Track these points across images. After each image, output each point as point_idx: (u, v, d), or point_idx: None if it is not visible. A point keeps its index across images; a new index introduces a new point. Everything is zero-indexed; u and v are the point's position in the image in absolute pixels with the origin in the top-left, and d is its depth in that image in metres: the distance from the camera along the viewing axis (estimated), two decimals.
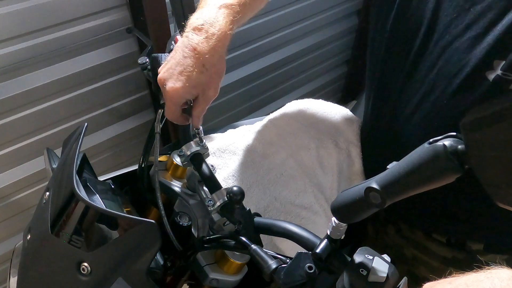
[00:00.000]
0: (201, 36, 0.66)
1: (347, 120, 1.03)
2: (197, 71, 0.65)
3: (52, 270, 0.58)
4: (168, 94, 0.65)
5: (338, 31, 1.99)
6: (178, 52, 0.66)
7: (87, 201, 0.56)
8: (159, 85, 0.67)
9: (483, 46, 0.65)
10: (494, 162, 0.35)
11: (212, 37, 0.66)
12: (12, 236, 1.32)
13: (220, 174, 0.87)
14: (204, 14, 0.67)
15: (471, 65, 0.67)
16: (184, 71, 0.65)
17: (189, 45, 0.66)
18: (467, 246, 0.87)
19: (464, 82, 0.69)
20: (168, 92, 0.65)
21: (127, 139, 1.43)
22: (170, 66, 0.66)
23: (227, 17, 0.68)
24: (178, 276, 0.71)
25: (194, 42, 0.65)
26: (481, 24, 0.65)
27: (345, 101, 2.08)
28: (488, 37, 0.64)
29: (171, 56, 0.68)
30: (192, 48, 0.65)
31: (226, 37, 0.67)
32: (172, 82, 0.65)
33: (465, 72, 0.68)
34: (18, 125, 1.15)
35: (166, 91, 0.66)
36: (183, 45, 0.66)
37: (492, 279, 0.43)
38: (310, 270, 0.53)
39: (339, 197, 0.49)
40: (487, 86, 0.66)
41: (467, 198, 0.80)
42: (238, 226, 0.63)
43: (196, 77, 0.65)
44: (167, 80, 0.65)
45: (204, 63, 0.65)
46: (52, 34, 1.10)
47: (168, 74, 0.66)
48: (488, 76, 0.65)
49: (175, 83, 0.65)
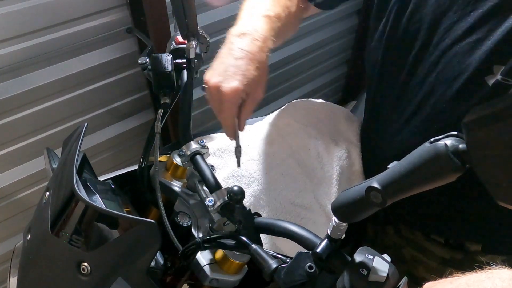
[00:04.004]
0: (247, 40, 0.70)
1: (347, 120, 1.03)
2: (251, 69, 0.67)
3: (52, 270, 0.58)
4: (226, 94, 0.66)
5: (338, 31, 1.99)
6: (226, 57, 0.69)
7: (87, 201, 0.55)
8: (210, 92, 0.68)
9: (483, 50, 0.65)
10: (495, 161, 0.35)
11: (257, 40, 0.70)
12: (12, 236, 1.32)
13: (220, 174, 0.87)
14: (245, 23, 0.73)
15: (470, 70, 0.67)
16: (238, 71, 0.67)
17: (238, 48, 0.69)
18: (465, 247, 0.87)
19: (463, 87, 0.68)
20: (226, 92, 0.66)
21: (127, 139, 1.43)
22: (222, 70, 0.68)
23: (267, 24, 0.73)
24: (178, 276, 0.71)
25: (243, 44, 0.69)
26: (482, 29, 0.65)
27: (345, 101, 2.09)
28: (488, 41, 0.64)
29: (217, 62, 0.70)
30: (243, 50, 0.68)
31: (268, 41, 0.72)
32: (229, 82, 0.66)
33: (465, 76, 0.68)
34: (18, 125, 1.15)
35: (223, 92, 0.66)
36: (230, 50, 0.69)
37: (493, 279, 0.43)
38: (310, 269, 0.53)
39: (339, 196, 0.49)
40: (486, 91, 0.65)
41: (465, 199, 0.80)
42: (238, 225, 0.63)
43: (252, 74, 0.67)
44: (222, 82, 0.66)
45: (256, 62, 0.68)
46: (52, 34, 1.10)
47: (222, 77, 0.67)
48: (487, 81, 0.65)
49: (232, 83, 0.66)
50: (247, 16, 0.74)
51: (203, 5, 1.39)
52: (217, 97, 0.68)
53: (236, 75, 0.66)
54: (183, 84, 0.83)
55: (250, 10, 0.75)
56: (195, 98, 0.83)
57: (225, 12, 1.47)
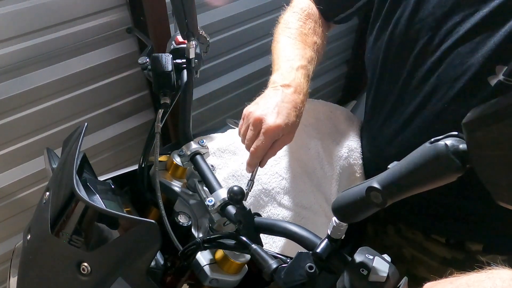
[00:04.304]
0: (291, 91, 0.76)
1: (347, 120, 1.03)
2: (293, 114, 0.74)
3: (52, 270, 0.58)
4: (269, 129, 0.70)
5: (338, 31, 1.99)
6: (272, 98, 0.75)
7: (87, 201, 0.55)
8: (252, 123, 0.72)
9: (486, 51, 0.65)
10: (496, 161, 0.35)
11: (300, 92, 0.77)
12: (12, 236, 1.32)
13: (220, 174, 0.87)
14: (286, 76, 0.79)
15: (473, 70, 0.67)
16: (284, 111, 0.72)
17: (285, 94, 0.75)
18: (466, 247, 0.87)
19: (465, 87, 0.68)
20: (269, 126, 0.70)
21: (127, 139, 1.43)
22: (268, 107, 0.73)
23: (305, 77, 0.80)
24: (178, 276, 0.71)
25: (289, 92, 0.76)
26: (484, 29, 0.65)
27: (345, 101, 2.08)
28: (491, 42, 0.64)
29: (263, 101, 0.75)
30: (289, 97, 0.75)
31: (307, 94, 0.80)
32: (273, 119, 0.71)
33: (467, 76, 0.68)
34: (18, 125, 1.15)
35: (267, 126, 0.71)
36: (277, 93, 0.75)
37: (493, 280, 0.43)
38: (310, 269, 0.53)
39: (340, 196, 0.49)
40: (488, 91, 0.65)
41: (466, 198, 0.80)
42: (238, 226, 0.63)
43: (292, 119, 0.73)
44: (267, 116, 0.71)
45: (297, 110, 0.75)
46: (52, 34, 1.10)
47: (267, 112, 0.72)
48: (490, 81, 0.65)
49: (277, 119, 0.71)
50: (288, 69, 0.80)
51: (203, 5, 1.39)
52: (258, 129, 0.72)
53: (281, 114, 0.72)
54: (183, 84, 0.83)
55: (290, 63, 0.81)
56: (195, 98, 0.83)
57: (225, 12, 1.47)
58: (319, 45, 0.91)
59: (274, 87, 0.77)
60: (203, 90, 1.56)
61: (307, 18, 0.92)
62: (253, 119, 0.72)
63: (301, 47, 0.86)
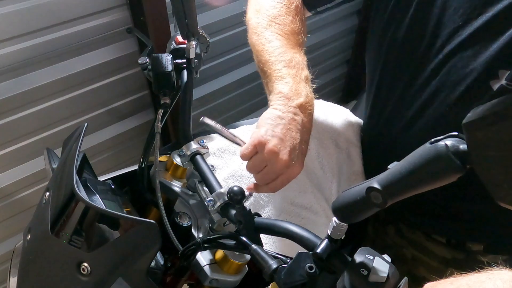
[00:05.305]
0: (307, 113, 0.70)
1: (347, 120, 1.03)
2: (305, 149, 0.69)
3: (52, 270, 0.58)
4: (282, 164, 0.64)
5: (338, 31, 1.99)
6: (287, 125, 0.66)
7: (87, 201, 0.55)
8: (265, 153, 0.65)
9: (488, 55, 0.64)
10: (496, 161, 0.35)
11: (311, 113, 0.71)
12: (12, 236, 1.32)
13: (220, 174, 0.87)
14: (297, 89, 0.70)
15: (475, 74, 0.66)
16: (296, 144, 0.66)
17: (302, 123, 0.68)
18: (467, 247, 0.87)
19: (467, 91, 0.68)
20: (283, 162, 0.64)
21: (127, 139, 1.43)
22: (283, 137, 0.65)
23: (310, 88, 0.74)
24: (178, 276, 0.70)
25: (306, 121, 0.70)
26: (487, 33, 0.65)
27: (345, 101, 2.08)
28: (494, 46, 0.64)
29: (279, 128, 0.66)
30: (306, 126, 0.69)
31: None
32: (287, 156, 0.64)
33: (469, 80, 0.67)
34: (18, 125, 1.15)
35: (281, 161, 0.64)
36: (291, 122, 0.67)
37: (494, 280, 0.43)
38: (310, 270, 0.53)
39: (340, 197, 0.49)
40: (491, 95, 0.65)
41: (467, 199, 0.80)
42: (238, 226, 0.63)
43: (305, 154, 0.69)
44: (280, 151, 0.64)
45: (308, 133, 0.70)
46: (52, 34, 1.10)
47: (282, 146, 0.65)
48: (492, 85, 0.65)
49: (292, 160, 0.65)
50: (296, 81, 0.72)
51: (203, 5, 1.39)
52: (272, 161, 0.65)
53: (297, 152, 0.66)
54: (183, 84, 0.82)
55: (295, 72, 0.74)
56: (195, 98, 0.83)
57: (225, 12, 1.47)
58: (303, 43, 0.86)
59: (286, 107, 0.68)
60: (203, 90, 1.56)
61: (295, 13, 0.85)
62: (268, 150, 0.64)
63: (298, 51, 0.81)
